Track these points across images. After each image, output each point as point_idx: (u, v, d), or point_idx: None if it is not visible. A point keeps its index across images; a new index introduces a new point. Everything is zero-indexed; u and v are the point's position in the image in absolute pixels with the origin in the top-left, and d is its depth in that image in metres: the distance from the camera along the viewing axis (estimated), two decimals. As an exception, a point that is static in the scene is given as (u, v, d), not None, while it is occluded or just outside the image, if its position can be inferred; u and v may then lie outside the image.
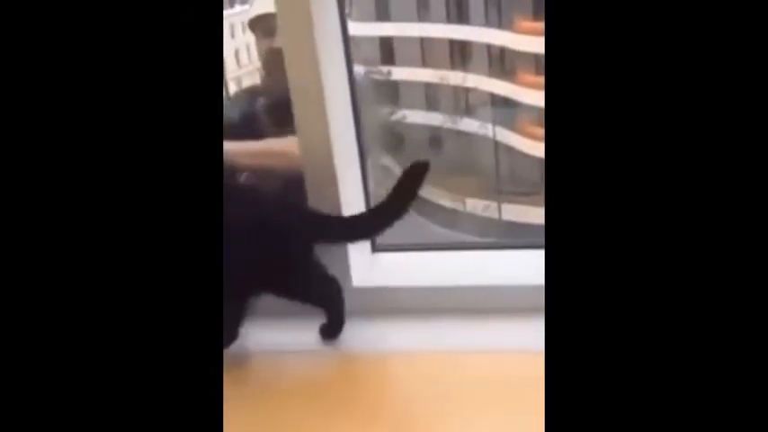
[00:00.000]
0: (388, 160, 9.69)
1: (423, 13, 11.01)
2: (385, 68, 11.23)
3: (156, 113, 0.59)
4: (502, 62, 10.70)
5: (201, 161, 0.60)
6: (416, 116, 10.03)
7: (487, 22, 10.66)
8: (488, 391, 0.92)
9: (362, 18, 11.62)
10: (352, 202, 1.14)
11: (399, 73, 11.07)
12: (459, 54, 11.00)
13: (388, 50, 11.50)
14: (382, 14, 11.47)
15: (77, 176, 0.58)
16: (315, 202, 1.09)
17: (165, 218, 0.59)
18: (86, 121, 0.58)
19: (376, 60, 11.33)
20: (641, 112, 0.56)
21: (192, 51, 0.60)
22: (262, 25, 1.59)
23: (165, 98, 0.59)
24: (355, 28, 11.91)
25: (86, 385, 0.58)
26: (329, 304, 1.06)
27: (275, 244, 0.99)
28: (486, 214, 10.32)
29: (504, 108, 10.70)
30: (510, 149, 10.58)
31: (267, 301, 1.05)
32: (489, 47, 10.68)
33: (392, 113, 10.88)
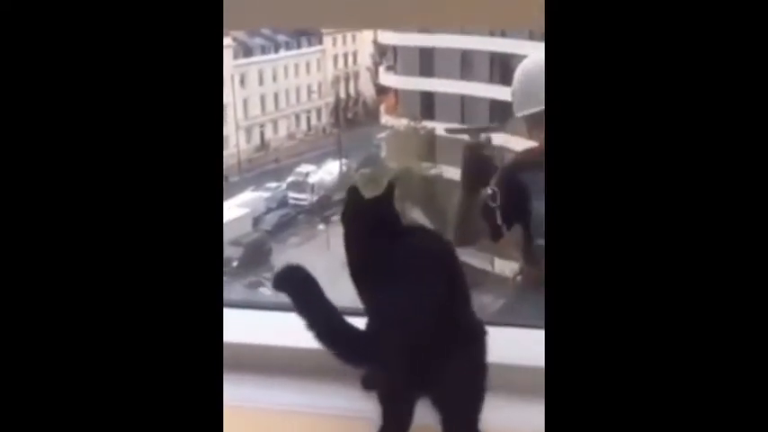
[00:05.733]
0: (417, 213, 9.72)
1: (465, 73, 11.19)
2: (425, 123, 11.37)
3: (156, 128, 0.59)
4: (542, 125, 10.74)
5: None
6: (453, 173, 10.12)
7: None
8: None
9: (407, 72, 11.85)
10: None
11: (439, 127, 11.21)
12: (500, 114, 11.09)
13: (428, 105, 11.66)
14: (426, 70, 11.68)
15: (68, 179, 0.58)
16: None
17: (165, 224, 0.59)
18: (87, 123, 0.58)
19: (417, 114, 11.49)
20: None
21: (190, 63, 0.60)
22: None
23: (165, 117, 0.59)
24: (399, 81, 12.13)
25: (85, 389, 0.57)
26: None
27: None
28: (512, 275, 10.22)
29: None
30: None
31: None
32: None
33: (430, 168, 10.97)
